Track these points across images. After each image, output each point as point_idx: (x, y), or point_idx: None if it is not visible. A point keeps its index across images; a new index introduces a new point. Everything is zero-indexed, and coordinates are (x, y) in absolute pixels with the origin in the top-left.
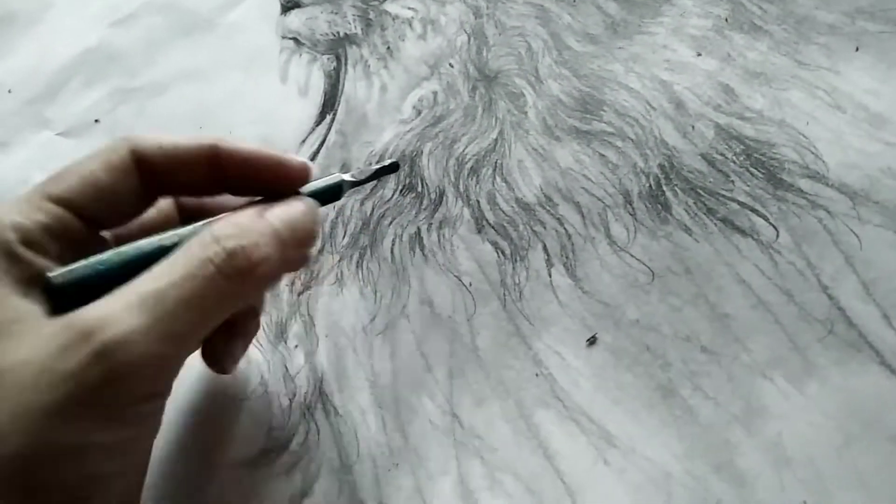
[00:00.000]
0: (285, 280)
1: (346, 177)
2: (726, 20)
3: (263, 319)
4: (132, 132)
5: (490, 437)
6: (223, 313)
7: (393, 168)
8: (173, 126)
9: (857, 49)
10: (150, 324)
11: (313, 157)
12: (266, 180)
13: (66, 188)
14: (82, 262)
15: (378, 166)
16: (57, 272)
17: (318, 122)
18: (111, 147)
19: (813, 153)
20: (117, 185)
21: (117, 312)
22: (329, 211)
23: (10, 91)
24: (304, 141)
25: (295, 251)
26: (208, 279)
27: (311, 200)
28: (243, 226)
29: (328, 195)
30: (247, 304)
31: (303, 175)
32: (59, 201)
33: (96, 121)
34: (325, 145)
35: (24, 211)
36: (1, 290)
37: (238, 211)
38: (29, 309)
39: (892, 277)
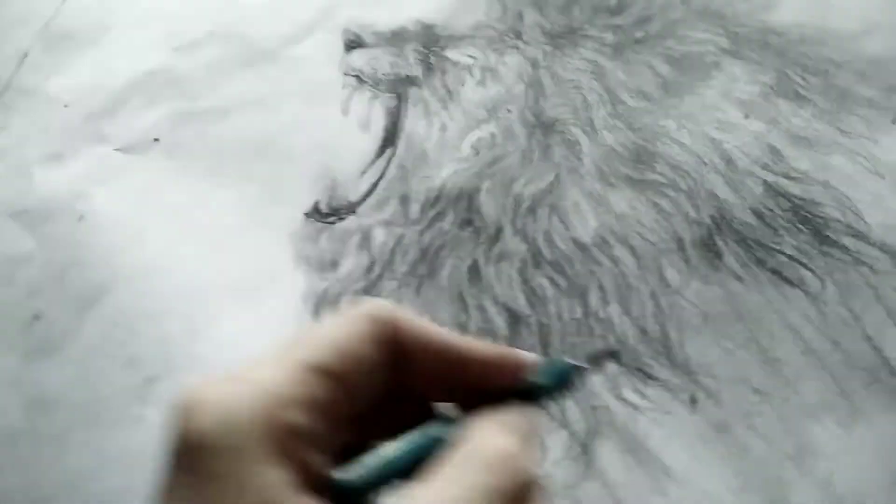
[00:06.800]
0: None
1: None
2: (772, 88)
3: None
4: (191, 154)
5: (547, 465)
6: None
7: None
8: (235, 149)
9: (893, 122)
10: None
11: (373, 188)
12: (490, 382)
13: (333, 360)
14: (364, 464)
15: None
16: (344, 476)
17: (378, 155)
18: (363, 314)
19: (855, 213)
20: (374, 361)
21: None
22: (388, 240)
23: (66, 106)
24: (364, 172)
25: None
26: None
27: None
28: (521, 447)
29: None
30: None
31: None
32: (329, 376)
33: (156, 139)
34: (384, 177)
35: (290, 388)
36: (282, 495)
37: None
38: None
39: None
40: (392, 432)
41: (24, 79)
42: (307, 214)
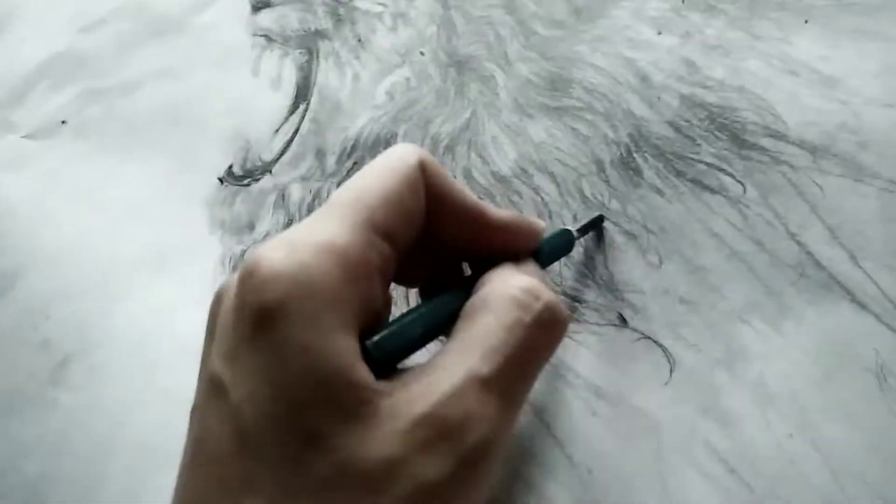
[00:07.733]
0: None
1: (572, 229)
2: (683, 2)
3: None
4: (101, 132)
5: None
6: (540, 372)
7: (600, 220)
8: (145, 122)
9: (806, 21)
10: (501, 413)
11: (288, 145)
12: (508, 247)
13: (391, 220)
14: (395, 328)
15: (592, 218)
16: (375, 340)
17: (291, 112)
18: (407, 163)
19: (772, 114)
20: (419, 213)
21: (473, 407)
22: (305, 195)
23: None
24: (277, 130)
25: None
26: (529, 340)
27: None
28: (539, 282)
29: (561, 250)
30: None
31: (539, 238)
32: (387, 237)
33: (63, 122)
34: (299, 133)
35: (360, 253)
36: (352, 362)
37: (507, 269)
38: (372, 384)
39: (854, 221)
40: (417, 285)
41: None
42: (220, 179)
